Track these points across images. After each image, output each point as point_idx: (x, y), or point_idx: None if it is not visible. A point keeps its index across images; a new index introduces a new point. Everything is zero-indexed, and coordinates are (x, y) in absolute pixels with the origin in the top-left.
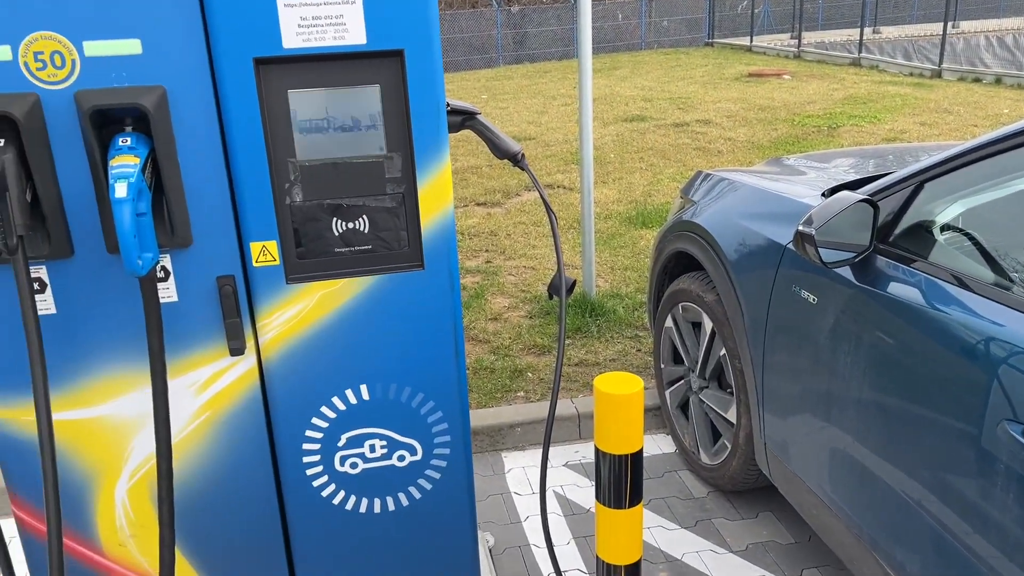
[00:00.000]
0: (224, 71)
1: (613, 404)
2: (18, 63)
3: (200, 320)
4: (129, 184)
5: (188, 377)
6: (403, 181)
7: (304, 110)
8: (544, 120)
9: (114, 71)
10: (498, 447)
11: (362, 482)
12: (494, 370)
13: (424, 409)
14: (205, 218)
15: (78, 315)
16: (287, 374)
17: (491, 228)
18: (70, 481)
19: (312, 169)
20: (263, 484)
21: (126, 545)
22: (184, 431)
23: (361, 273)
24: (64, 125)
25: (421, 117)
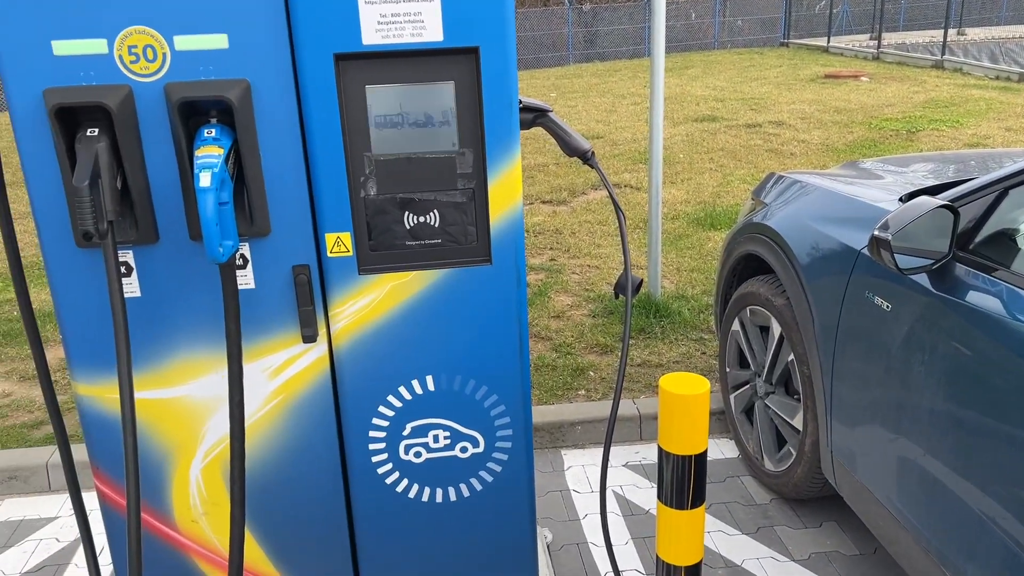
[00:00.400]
0: (305, 66)
1: (679, 404)
2: (113, 56)
3: (275, 307)
4: (213, 174)
5: (262, 362)
6: (474, 177)
7: (380, 105)
8: (613, 119)
9: (201, 65)
10: (558, 444)
11: (425, 471)
12: (556, 367)
13: (487, 402)
14: (283, 208)
15: (161, 299)
16: (356, 362)
17: (556, 226)
18: (148, 458)
19: (386, 163)
20: (330, 469)
21: (198, 522)
22: (257, 414)
23: (430, 266)
24: (153, 116)
25: (493, 114)
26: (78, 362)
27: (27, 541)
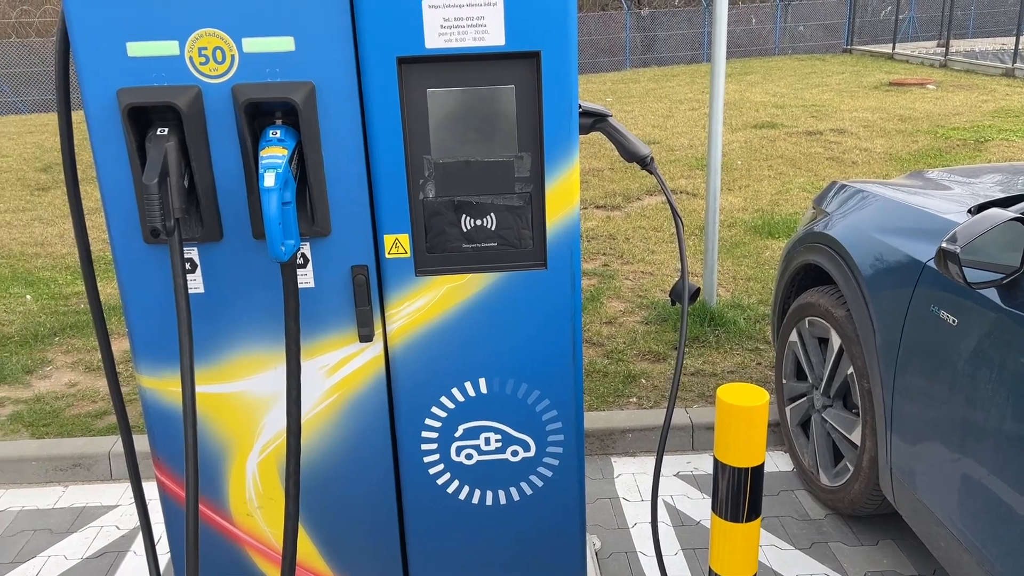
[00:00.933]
0: (369, 69)
1: (736, 416)
2: (184, 57)
3: (333, 306)
4: (277, 174)
5: (320, 360)
6: (531, 181)
7: (441, 109)
8: (670, 124)
9: (268, 67)
10: (608, 451)
11: (476, 473)
12: (607, 374)
13: (540, 407)
14: (343, 209)
15: (224, 295)
16: (411, 363)
17: (610, 231)
18: (206, 451)
19: (445, 166)
20: (382, 467)
21: (254, 516)
22: (313, 411)
23: (486, 269)
24: (221, 116)
25: (553, 118)
26: (142, 355)
27: (89, 527)
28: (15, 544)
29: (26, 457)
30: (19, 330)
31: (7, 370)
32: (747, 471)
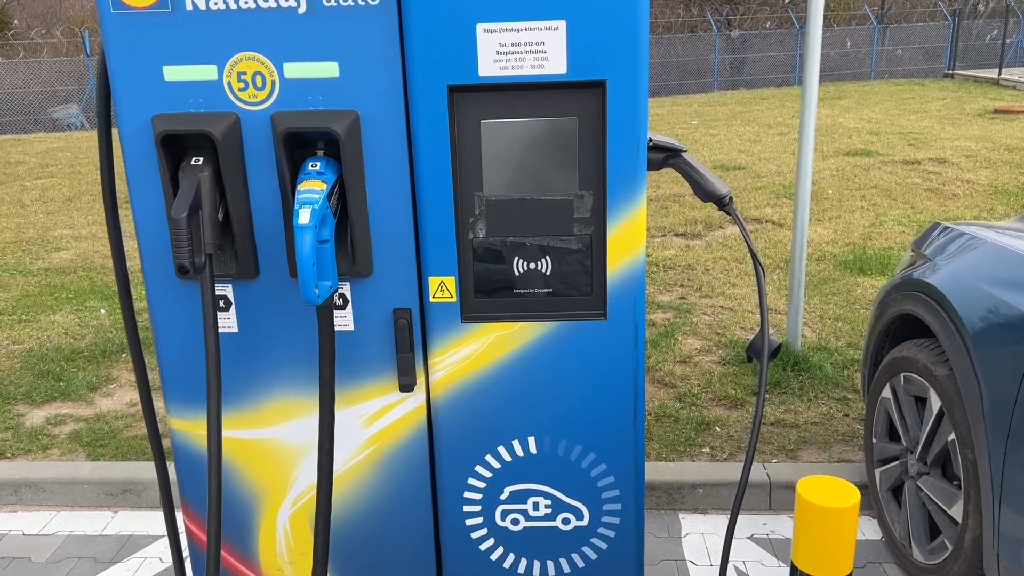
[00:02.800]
0: (417, 98)
1: (820, 518)
2: (223, 83)
3: (374, 352)
4: (313, 211)
5: (357, 408)
6: (592, 222)
7: (495, 142)
8: (756, 149)
9: (310, 94)
10: (675, 506)
11: (522, 541)
12: (678, 419)
13: (595, 471)
14: (387, 248)
15: (258, 336)
16: (455, 417)
17: (689, 261)
18: (236, 500)
19: (498, 204)
20: (422, 527)
21: (284, 571)
22: (350, 463)
23: (539, 318)
24: (259, 146)
25: (618, 154)
26: (173, 396)
27: (132, 558)
28: (59, 571)
29: (79, 480)
30: (89, 344)
31: (73, 386)
32: None
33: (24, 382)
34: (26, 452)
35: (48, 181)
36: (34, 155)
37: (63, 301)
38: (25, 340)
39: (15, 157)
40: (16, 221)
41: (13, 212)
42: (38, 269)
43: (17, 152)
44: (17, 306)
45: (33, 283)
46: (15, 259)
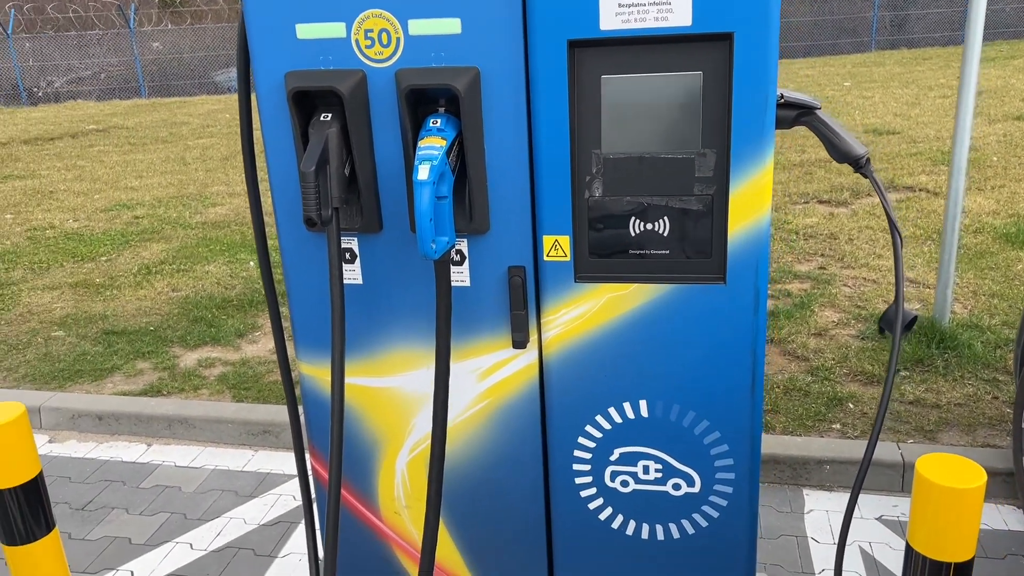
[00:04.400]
0: (537, 53)
1: (939, 498)
2: (350, 40)
3: (489, 308)
4: (431, 167)
5: (472, 362)
6: (714, 182)
7: (616, 98)
8: (914, 113)
9: (433, 50)
10: (800, 482)
11: (631, 503)
12: (808, 393)
13: (708, 439)
14: (503, 206)
15: (381, 288)
16: (566, 375)
17: (832, 230)
18: (357, 444)
19: (616, 162)
20: (532, 483)
21: (401, 514)
22: (464, 415)
23: (654, 280)
24: (385, 102)
25: (744, 111)
26: (303, 343)
27: (269, 494)
28: (204, 502)
29: (224, 419)
30: (238, 294)
31: (222, 332)
32: (949, 566)
33: (180, 327)
34: (180, 391)
35: (208, 141)
36: (197, 116)
37: (217, 253)
38: (182, 288)
39: (180, 118)
40: (179, 178)
41: (176, 169)
42: (196, 223)
43: (182, 113)
44: (176, 256)
45: (191, 236)
46: (176, 213)
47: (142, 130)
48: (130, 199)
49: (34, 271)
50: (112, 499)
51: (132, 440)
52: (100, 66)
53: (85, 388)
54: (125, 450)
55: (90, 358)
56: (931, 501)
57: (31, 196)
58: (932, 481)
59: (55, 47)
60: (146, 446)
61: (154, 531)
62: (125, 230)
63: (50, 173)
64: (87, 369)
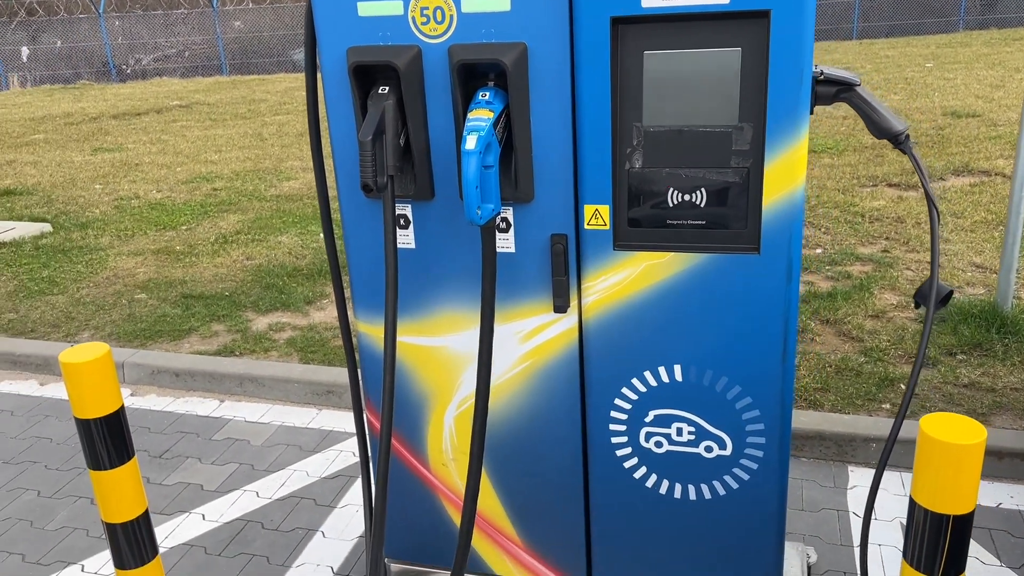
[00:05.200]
0: (582, 30)
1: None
2: (407, 17)
3: (532, 273)
4: (479, 137)
5: (515, 325)
6: (750, 155)
7: (657, 73)
8: (998, 96)
9: (484, 27)
10: (846, 458)
11: (665, 463)
12: (860, 373)
13: (740, 404)
14: (547, 176)
15: (432, 253)
16: (604, 339)
17: (898, 213)
18: (409, 399)
19: (656, 135)
20: (570, 441)
21: (448, 466)
22: (507, 375)
23: (690, 249)
24: (438, 77)
25: (780, 86)
26: (360, 302)
27: (330, 450)
28: (271, 455)
29: (292, 379)
30: (308, 264)
31: (292, 299)
32: (948, 519)
33: (253, 293)
34: (251, 352)
35: (284, 118)
36: (274, 94)
37: (289, 225)
38: (256, 257)
39: (259, 95)
40: (256, 152)
41: (254, 144)
42: (271, 195)
43: (261, 91)
44: (252, 227)
45: (266, 208)
46: (252, 186)
47: (222, 106)
48: (210, 172)
49: (120, 238)
50: (187, 449)
51: (206, 396)
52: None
53: (164, 347)
54: (199, 405)
55: (170, 319)
56: (934, 457)
57: (119, 168)
58: (935, 438)
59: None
60: (219, 402)
61: (224, 479)
62: (204, 201)
63: (136, 146)
64: (167, 329)
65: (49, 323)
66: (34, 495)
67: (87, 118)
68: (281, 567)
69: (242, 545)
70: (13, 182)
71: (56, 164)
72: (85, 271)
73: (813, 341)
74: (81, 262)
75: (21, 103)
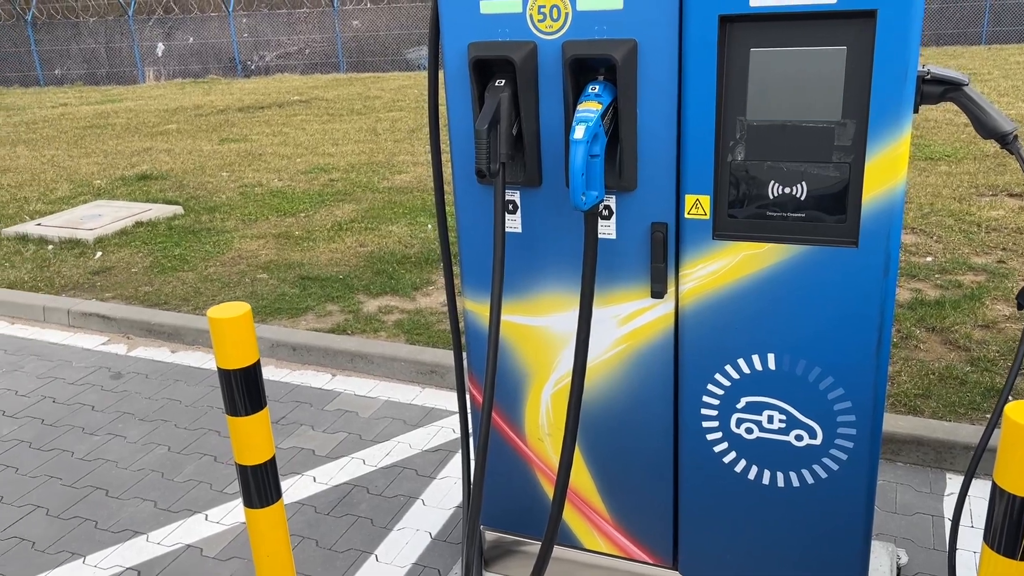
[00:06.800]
0: (691, 26)
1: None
2: (525, 15)
3: (631, 260)
4: (587, 128)
5: (613, 309)
6: (852, 151)
7: (762, 69)
8: None
9: (596, 24)
10: (944, 465)
11: (755, 449)
12: (965, 382)
13: (832, 394)
14: (650, 166)
15: (537, 237)
16: (699, 326)
17: (1019, 224)
18: (509, 375)
19: (759, 129)
20: (662, 423)
21: (544, 441)
22: (602, 356)
23: (789, 240)
24: (551, 71)
25: (884, 84)
26: (468, 281)
27: (432, 425)
28: (377, 426)
29: (398, 358)
30: (416, 252)
31: (400, 284)
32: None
33: (365, 277)
34: (362, 331)
35: (398, 114)
36: (388, 91)
37: (399, 215)
38: (368, 244)
39: (374, 92)
40: (370, 147)
41: (368, 139)
42: (383, 187)
43: (376, 88)
44: (365, 216)
45: (378, 199)
46: (366, 178)
47: (339, 102)
48: (327, 164)
49: (244, 222)
50: (301, 417)
51: (319, 370)
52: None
53: (283, 323)
54: (313, 378)
55: (288, 299)
56: (1019, 442)
57: (243, 157)
58: (1020, 423)
59: (267, 24)
60: (331, 376)
61: (334, 446)
62: (322, 191)
63: (259, 138)
64: (285, 307)
65: (180, 296)
66: (165, 450)
67: (215, 110)
68: (383, 529)
69: (348, 507)
70: (149, 167)
71: (187, 152)
72: (212, 251)
73: (917, 348)
74: (209, 243)
75: (156, 95)
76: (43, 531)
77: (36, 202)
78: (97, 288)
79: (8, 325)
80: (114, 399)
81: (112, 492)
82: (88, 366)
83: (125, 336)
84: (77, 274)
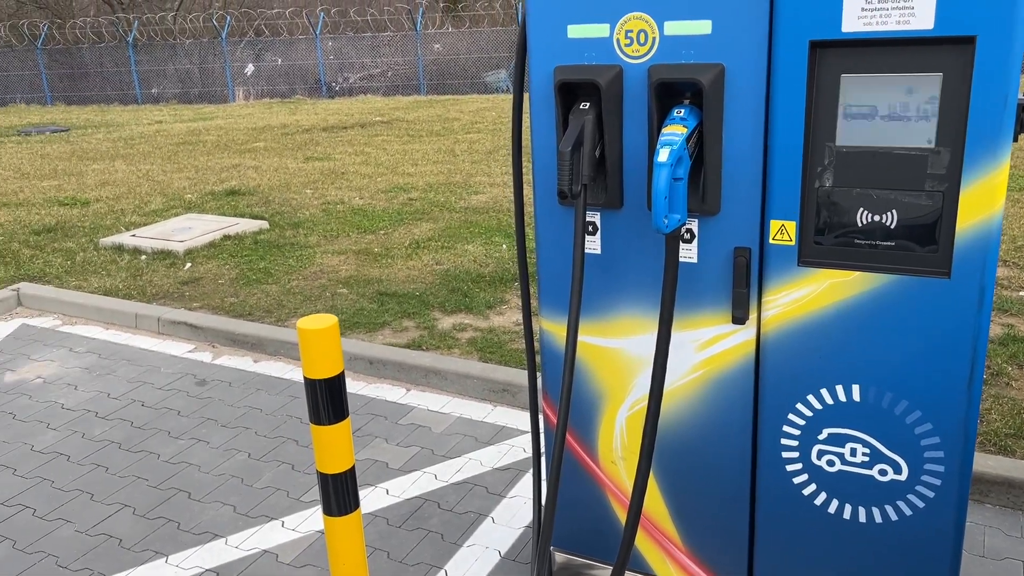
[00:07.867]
0: (780, 52)
1: None
2: (612, 39)
3: (712, 284)
4: (671, 151)
5: (692, 333)
6: (946, 179)
7: (853, 95)
8: None
9: (683, 48)
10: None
11: (836, 482)
12: None
13: (919, 429)
14: (734, 190)
15: (617, 258)
16: (781, 354)
17: None
18: (584, 396)
19: (849, 155)
20: (739, 452)
21: (617, 464)
22: (680, 381)
23: (878, 269)
24: (636, 94)
25: (982, 112)
26: (546, 301)
27: (503, 443)
28: (449, 442)
29: (471, 375)
30: (491, 272)
31: (475, 303)
32: None
33: (440, 295)
34: (436, 347)
35: (475, 136)
36: (467, 113)
37: (475, 235)
38: (444, 262)
39: (452, 114)
40: (447, 167)
41: (446, 160)
42: (460, 207)
43: (455, 110)
44: (441, 235)
45: (455, 218)
46: (443, 198)
47: (419, 124)
48: (406, 183)
49: (326, 238)
50: (375, 429)
51: (394, 384)
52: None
53: (360, 337)
54: (388, 391)
55: (366, 313)
56: None
57: (327, 175)
58: None
59: (352, 47)
60: (405, 390)
61: (406, 460)
62: (400, 209)
63: (342, 157)
64: (363, 322)
65: (263, 308)
66: (245, 456)
67: (300, 129)
68: (453, 545)
69: (420, 521)
70: (238, 183)
71: (273, 169)
72: (295, 265)
73: (1009, 386)
74: (292, 257)
75: (245, 114)
76: (129, 529)
77: (132, 214)
78: (186, 298)
79: (103, 330)
80: (199, 405)
81: (194, 495)
82: (175, 372)
83: (211, 345)
84: (167, 284)
